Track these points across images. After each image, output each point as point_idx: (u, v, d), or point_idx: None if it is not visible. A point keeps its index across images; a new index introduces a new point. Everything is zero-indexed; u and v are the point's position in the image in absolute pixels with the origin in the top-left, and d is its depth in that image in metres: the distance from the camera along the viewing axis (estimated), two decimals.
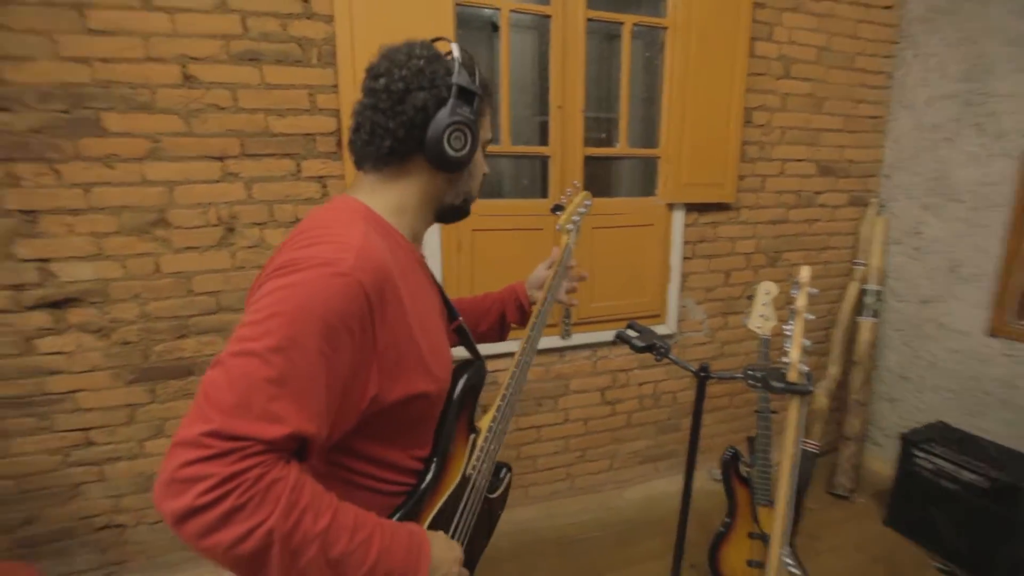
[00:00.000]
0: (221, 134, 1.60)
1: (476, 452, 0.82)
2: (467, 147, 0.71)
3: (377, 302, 0.61)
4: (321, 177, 1.74)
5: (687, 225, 2.21)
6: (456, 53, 0.72)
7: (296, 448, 0.56)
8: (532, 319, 0.98)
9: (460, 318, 0.90)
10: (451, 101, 0.70)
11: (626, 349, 2.32)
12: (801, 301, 0.96)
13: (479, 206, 1.92)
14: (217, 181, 1.62)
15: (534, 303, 1.09)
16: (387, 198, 0.73)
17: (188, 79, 1.54)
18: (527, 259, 1.98)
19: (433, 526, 0.74)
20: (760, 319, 1.54)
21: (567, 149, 1.99)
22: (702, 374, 1.08)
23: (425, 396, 0.70)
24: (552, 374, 2.17)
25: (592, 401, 2.26)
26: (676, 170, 2.10)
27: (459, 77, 0.71)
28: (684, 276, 2.26)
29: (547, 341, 2.10)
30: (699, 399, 1.09)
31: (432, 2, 1.68)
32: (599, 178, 2.16)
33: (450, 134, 0.69)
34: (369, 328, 0.61)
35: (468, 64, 0.74)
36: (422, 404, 0.71)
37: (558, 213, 1.17)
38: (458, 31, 1.77)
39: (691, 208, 2.19)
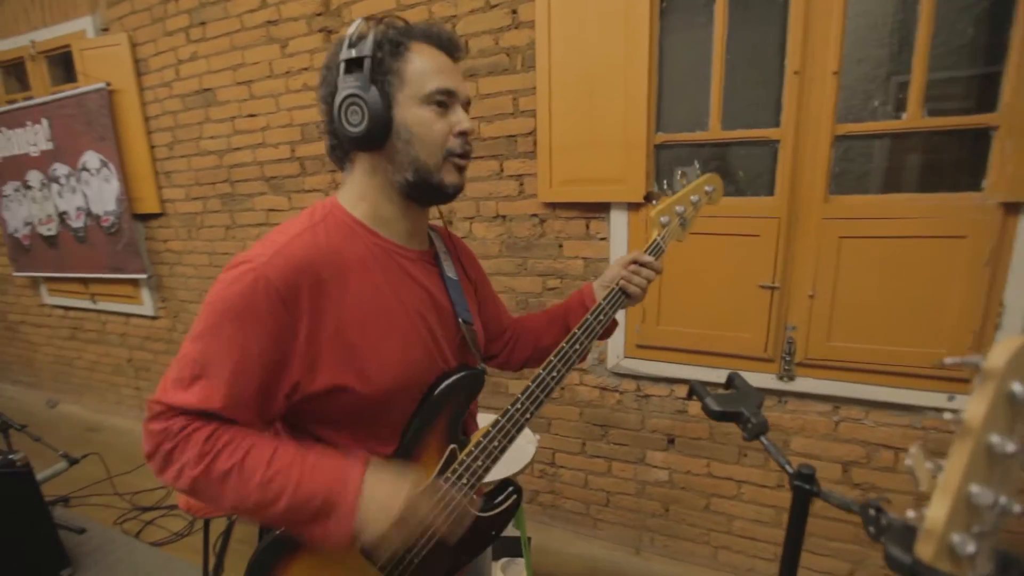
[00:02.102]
0: None
1: (453, 464, 0.78)
2: (364, 117, 0.67)
3: (289, 294, 0.65)
4: (519, 175, 1.86)
5: None
6: (350, 29, 0.68)
7: (218, 416, 0.67)
8: (574, 328, 0.83)
9: (462, 319, 0.82)
10: (338, 80, 0.68)
11: (902, 417, 1.57)
12: (976, 409, 0.45)
13: None
14: None
15: None
16: (349, 191, 0.76)
17: None
18: (724, 263, 1.60)
19: None
20: None
21: (806, 128, 1.46)
22: (797, 482, 0.65)
23: (349, 391, 0.70)
24: None
25: (826, 475, 1.64)
26: None
27: (344, 52, 0.67)
28: None
29: (762, 379, 1.64)
30: (794, 519, 0.67)
31: None
32: (863, 167, 1.49)
33: (344, 113, 0.68)
34: (283, 317, 0.65)
35: (359, 31, 0.68)
36: (348, 398, 0.70)
37: (653, 203, 0.94)
38: (663, 13, 1.54)
39: None
